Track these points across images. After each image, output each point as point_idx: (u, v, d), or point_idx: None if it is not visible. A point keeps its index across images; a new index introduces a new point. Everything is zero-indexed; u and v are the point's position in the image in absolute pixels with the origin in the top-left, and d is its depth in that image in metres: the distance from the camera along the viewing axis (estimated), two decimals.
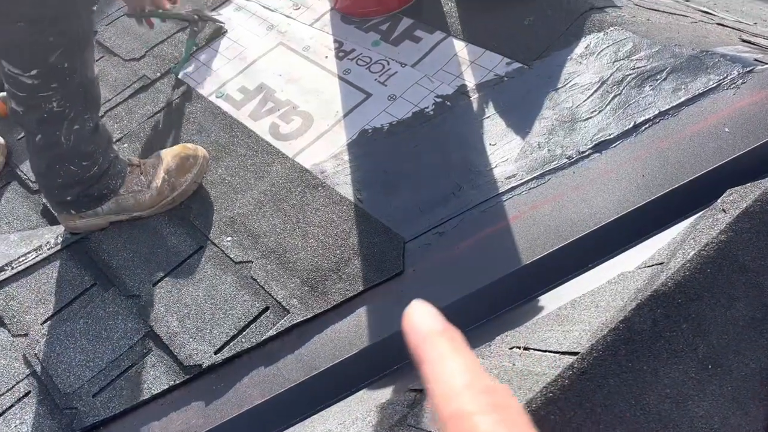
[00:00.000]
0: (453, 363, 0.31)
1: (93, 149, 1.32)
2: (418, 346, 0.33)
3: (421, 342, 0.32)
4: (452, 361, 0.31)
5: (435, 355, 0.32)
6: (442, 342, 0.32)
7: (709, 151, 1.12)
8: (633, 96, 1.29)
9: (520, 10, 1.58)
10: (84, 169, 1.32)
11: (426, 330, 0.33)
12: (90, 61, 1.28)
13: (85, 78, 1.26)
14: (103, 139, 1.36)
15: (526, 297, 1.10)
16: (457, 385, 0.30)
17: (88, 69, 1.27)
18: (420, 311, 0.34)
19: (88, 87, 1.28)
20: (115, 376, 1.21)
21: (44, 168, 1.32)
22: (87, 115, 1.30)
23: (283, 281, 1.25)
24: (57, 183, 1.33)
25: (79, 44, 1.22)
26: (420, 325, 0.33)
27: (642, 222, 1.10)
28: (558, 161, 1.25)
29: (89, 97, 1.30)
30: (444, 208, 1.27)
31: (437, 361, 0.31)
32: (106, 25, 1.98)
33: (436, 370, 0.31)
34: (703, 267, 0.77)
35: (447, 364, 0.31)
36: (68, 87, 1.23)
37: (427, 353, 0.32)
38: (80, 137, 1.29)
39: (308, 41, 1.74)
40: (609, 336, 0.70)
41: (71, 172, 1.32)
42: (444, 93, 1.49)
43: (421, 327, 0.33)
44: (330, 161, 1.44)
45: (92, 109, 1.32)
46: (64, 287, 1.37)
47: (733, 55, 1.27)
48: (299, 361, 1.14)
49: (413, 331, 0.33)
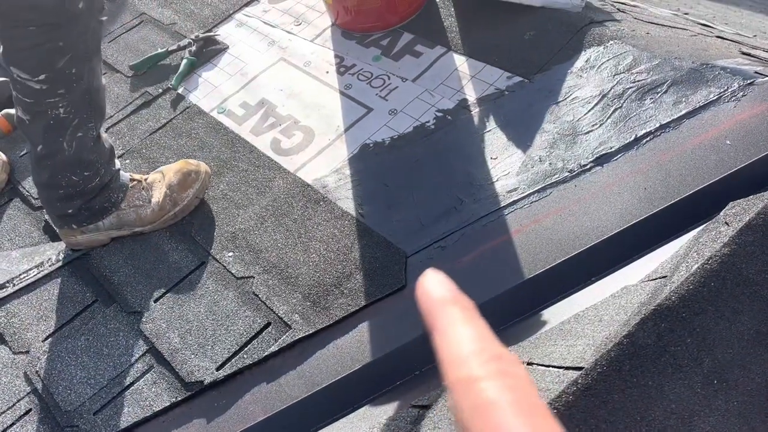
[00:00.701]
0: (463, 330, 0.32)
1: (95, 158, 1.33)
2: (430, 314, 0.33)
3: (432, 309, 0.33)
4: (462, 328, 0.32)
5: (445, 322, 0.32)
6: (453, 310, 0.33)
7: (711, 164, 1.12)
8: (634, 109, 1.29)
9: (521, 24, 1.59)
10: (86, 180, 1.32)
11: (438, 298, 0.33)
12: (97, 69, 1.29)
13: (91, 86, 1.27)
14: (105, 150, 1.37)
15: (529, 311, 1.10)
16: (465, 351, 0.30)
17: (95, 77, 1.28)
18: (433, 279, 0.34)
19: (94, 95, 1.29)
20: (117, 393, 1.20)
21: (46, 178, 1.32)
22: (91, 123, 1.30)
23: (285, 296, 1.25)
24: (59, 194, 1.33)
25: (87, 51, 1.24)
26: (432, 293, 0.33)
27: (644, 235, 1.09)
28: (559, 175, 1.25)
29: (94, 105, 1.31)
30: (446, 222, 1.27)
31: (447, 327, 0.32)
32: (109, 42, 1.99)
33: (446, 336, 0.31)
34: (706, 280, 0.77)
35: (457, 331, 0.32)
36: (74, 93, 1.24)
37: (438, 320, 0.32)
38: (82, 145, 1.30)
39: (309, 57, 1.75)
40: (613, 351, 0.69)
41: (73, 182, 1.32)
42: (445, 107, 1.49)
43: (434, 295, 0.33)
44: (331, 176, 1.44)
45: (96, 118, 1.33)
46: (66, 304, 1.37)
47: (734, 68, 1.27)
48: (301, 377, 1.14)
49: (425, 298, 0.34)
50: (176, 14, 2.03)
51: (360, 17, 1.72)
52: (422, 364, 1.10)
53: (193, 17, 1.99)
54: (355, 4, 1.67)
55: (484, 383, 0.28)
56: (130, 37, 2.00)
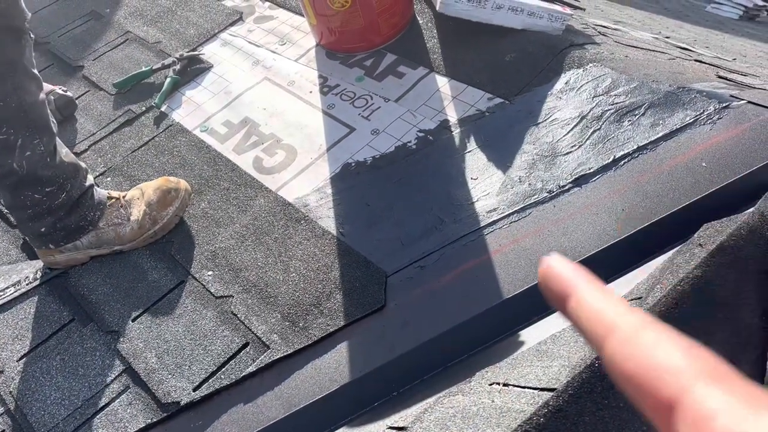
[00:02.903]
0: (605, 294, 0.32)
1: (53, 174, 1.30)
2: (564, 284, 0.33)
3: (566, 280, 0.33)
4: (604, 293, 0.32)
5: (584, 289, 0.32)
6: (589, 282, 0.33)
7: (687, 186, 1.13)
8: (612, 131, 1.31)
9: (502, 46, 1.61)
10: (50, 196, 1.30)
11: (572, 272, 0.34)
12: (26, 85, 1.24)
13: (23, 102, 1.23)
14: (66, 165, 1.33)
15: (507, 331, 1.10)
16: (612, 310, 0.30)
17: (26, 93, 1.23)
18: (562, 261, 0.35)
19: (29, 111, 1.25)
20: (91, 414, 1.18)
21: (9, 199, 1.30)
22: (36, 140, 1.26)
23: (264, 316, 1.24)
24: (28, 214, 1.32)
25: (8, 68, 1.19)
26: (564, 269, 0.34)
27: (622, 256, 1.10)
28: (539, 195, 1.26)
29: (35, 123, 1.26)
30: (426, 241, 1.27)
31: (587, 293, 0.32)
32: (93, 59, 1.99)
33: (589, 299, 0.32)
34: (679, 302, 0.77)
35: (599, 295, 0.32)
36: (4, 112, 1.20)
37: (576, 289, 0.33)
38: (33, 163, 1.26)
39: (293, 76, 1.76)
40: (585, 372, 0.69)
41: (36, 201, 1.30)
42: (426, 127, 1.50)
43: (566, 270, 0.34)
44: (313, 195, 1.44)
45: (42, 134, 1.28)
46: (42, 323, 1.35)
47: (710, 91, 1.29)
48: (279, 398, 1.13)
49: (556, 272, 0.34)
50: (161, 33, 2.03)
51: (344, 38, 1.73)
52: (400, 385, 1.09)
53: (178, 36, 2.00)
54: (338, 24, 1.68)
55: (640, 329, 0.28)
56: (114, 55, 2.00)
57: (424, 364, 1.10)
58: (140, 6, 2.19)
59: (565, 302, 0.33)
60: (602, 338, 0.29)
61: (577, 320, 0.32)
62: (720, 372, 0.25)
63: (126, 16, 2.16)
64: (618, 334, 0.29)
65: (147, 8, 2.17)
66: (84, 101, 1.87)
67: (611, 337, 0.29)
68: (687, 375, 0.25)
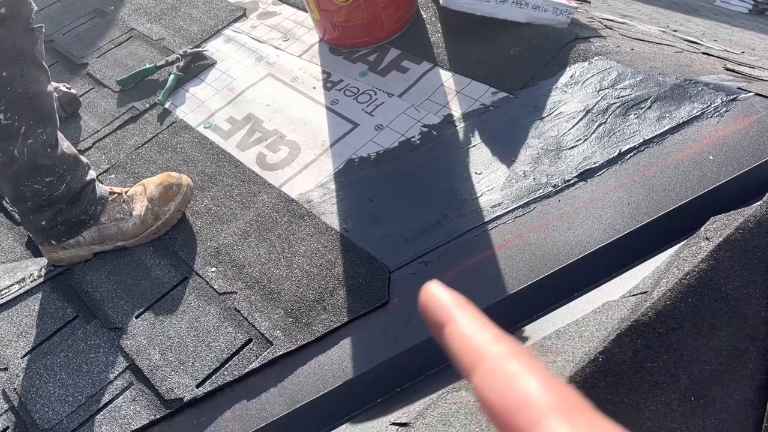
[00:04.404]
0: (477, 322, 0.32)
1: (52, 164, 1.30)
2: (441, 312, 0.34)
3: (443, 309, 0.33)
4: (476, 320, 0.32)
5: (459, 317, 0.33)
6: (464, 309, 0.33)
7: (694, 179, 1.11)
8: (618, 124, 1.29)
9: (506, 40, 1.60)
10: (50, 187, 1.31)
11: (449, 300, 0.34)
12: (34, 74, 1.25)
13: (29, 90, 1.24)
14: (67, 156, 1.34)
15: (511, 327, 1.09)
16: (481, 338, 0.31)
17: (33, 83, 1.25)
18: (440, 288, 0.35)
19: (35, 100, 1.26)
20: (95, 411, 1.18)
21: (10, 190, 1.31)
22: (39, 129, 1.27)
23: (267, 312, 1.23)
24: (28, 206, 1.32)
25: (17, 56, 1.21)
26: (442, 296, 0.34)
27: (628, 250, 1.08)
28: (543, 190, 1.25)
29: (39, 112, 1.27)
30: (430, 237, 1.26)
31: (461, 321, 0.32)
32: (97, 57, 1.99)
33: (461, 327, 0.32)
34: (684, 296, 0.76)
35: (472, 323, 0.32)
36: (10, 96, 1.21)
37: (452, 317, 0.33)
38: (34, 151, 1.27)
39: (297, 72, 1.75)
40: (588, 367, 0.68)
41: (36, 191, 1.30)
42: (430, 122, 1.49)
43: (444, 298, 0.34)
44: (316, 191, 1.43)
45: (45, 124, 1.29)
46: (46, 320, 1.35)
47: (717, 84, 1.27)
48: (282, 394, 1.12)
49: (435, 299, 0.34)
50: (165, 30, 2.03)
51: (347, 33, 1.72)
52: (403, 381, 1.08)
53: (182, 33, 2.00)
54: (342, 20, 1.67)
55: (504, 360, 0.28)
56: (118, 52, 2.00)
57: (427, 360, 1.09)
58: (144, 3, 2.19)
59: (441, 330, 0.33)
60: (471, 367, 0.29)
61: (451, 348, 0.32)
62: (574, 406, 0.25)
63: (130, 14, 2.16)
64: (485, 364, 0.29)
65: (151, 5, 2.17)
66: (88, 98, 1.87)
67: (479, 366, 0.29)
68: (541, 408, 0.25)
